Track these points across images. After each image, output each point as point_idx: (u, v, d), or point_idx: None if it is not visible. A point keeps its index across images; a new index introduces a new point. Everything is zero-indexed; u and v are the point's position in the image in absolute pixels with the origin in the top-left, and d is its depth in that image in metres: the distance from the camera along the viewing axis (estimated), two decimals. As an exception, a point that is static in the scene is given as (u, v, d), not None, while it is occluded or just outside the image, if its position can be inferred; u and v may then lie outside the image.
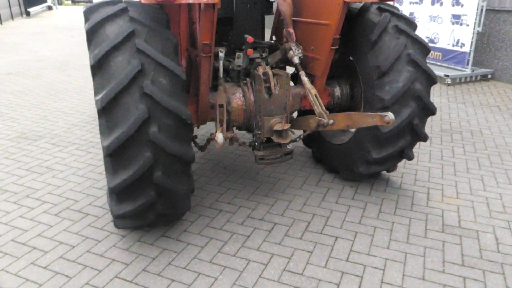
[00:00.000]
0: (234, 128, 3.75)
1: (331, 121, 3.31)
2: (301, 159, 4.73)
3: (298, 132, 4.37)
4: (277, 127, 3.29)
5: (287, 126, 3.27)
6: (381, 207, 3.71)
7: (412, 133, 3.57)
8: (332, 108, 4.04)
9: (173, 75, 2.63)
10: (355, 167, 3.84)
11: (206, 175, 4.33)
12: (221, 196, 3.90)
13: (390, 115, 2.86)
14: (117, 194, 2.69)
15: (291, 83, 3.86)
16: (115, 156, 2.55)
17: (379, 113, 2.92)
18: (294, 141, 3.69)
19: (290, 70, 4.02)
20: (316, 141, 4.46)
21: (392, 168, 3.94)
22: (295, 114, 4.33)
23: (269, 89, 3.42)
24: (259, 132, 3.41)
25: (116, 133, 2.49)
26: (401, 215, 3.59)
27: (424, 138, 3.66)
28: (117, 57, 2.53)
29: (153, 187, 2.69)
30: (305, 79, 3.58)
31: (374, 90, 3.47)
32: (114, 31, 2.60)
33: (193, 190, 2.97)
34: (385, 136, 3.47)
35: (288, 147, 3.42)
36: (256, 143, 3.51)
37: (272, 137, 3.43)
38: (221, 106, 3.31)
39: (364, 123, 3.07)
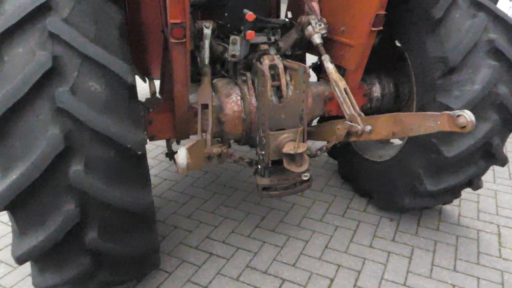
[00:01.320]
0: (231, 141, 2.73)
1: (368, 128, 2.25)
2: (323, 173, 3.67)
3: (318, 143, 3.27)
4: (288, 148, 2.23)
5: (303, 147, 2.20)
6: (434, 257, 2.63)
7: (488, 156, 2.45)
8: (367, 114, 2.92)
9: (113, 77, 1.61)
10: (398, 197, 2.77)
11: (199, 195, 3.35)
12: (214, 230, 2.91)
13: (467, 115, 1.72)
14: (35, 261, 1.74)
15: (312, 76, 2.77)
16: (17, 210, 1.59)
17: (448, 112, 1.81)
18: (314, 155, 2.61)
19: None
20: (344, 152, 3.38)
21: (449, 201, 2.84)
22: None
23: (278, 89, 2.37)
24: (263, 153, 2.37)
25: (13, 174, 1.51)
26: (464, 273, 2.51)
27: (503, 162, 2.54)
28: (15, 47, 1.53)
29: (87, 253, 1.72)
30: (330, 66, 2.51)
31: (435, 94, 2.36)
32: (16, 3, 1.59)
33: (157, 249, 1.99)
34: (448, 162, 2.37)
35: (305, 176, 2.36)
36: (259, 166, 2.48)
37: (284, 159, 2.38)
38: (204, 106, 2.27)
39: (422, 129, 1.96)
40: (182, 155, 1.64)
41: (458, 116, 1.76)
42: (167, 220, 3.03)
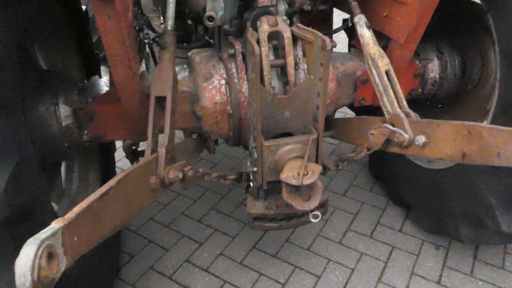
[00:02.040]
0: (218, 140, 1.95)
1: (421, 139, 1.40)
2: (348, 167, 2.85)
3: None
4: (289, 173, 1.39)
5: (313, 176, 1.36)
6: (498, 316, 1.86)
7: None
8: (416, 103, 2.01)
9: None
10: (452, 224, 1.96)
11: (186, 192, 2.64)
12: (198, 249, 2.22)
13: None
14: None
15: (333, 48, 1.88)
16: None
17: None
18: (333, 169, 1.75)
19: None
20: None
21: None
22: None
23: (283, 71, 1.54)
24: (255, 170, 1.57)
25: None
26: None
27: None
28: None
29: None
30: (366, 33, 1.65)
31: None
32: None
33: None
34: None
35: (314, 217, 1.56)
36: (251, 185, 1.69)
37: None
38: (160, 99, 1.44)
39: None
40: (24, 262, 0.69)
41: None
42: (140, 230, 2.36)
